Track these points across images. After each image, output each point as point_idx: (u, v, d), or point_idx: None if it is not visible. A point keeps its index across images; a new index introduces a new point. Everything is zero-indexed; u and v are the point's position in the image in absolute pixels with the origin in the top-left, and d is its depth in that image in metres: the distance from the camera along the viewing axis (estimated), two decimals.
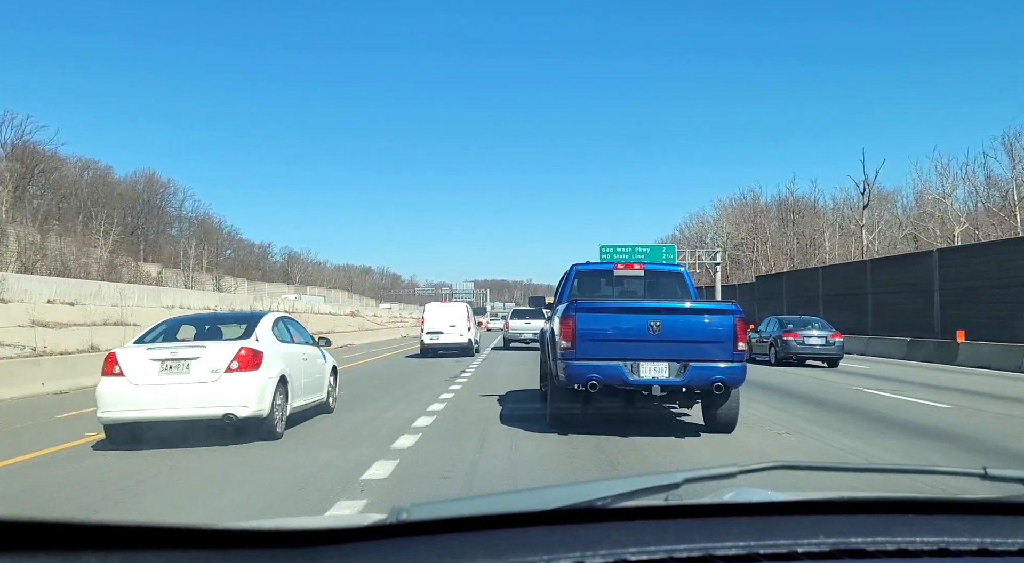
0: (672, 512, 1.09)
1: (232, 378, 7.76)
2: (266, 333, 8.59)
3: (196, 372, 7.74)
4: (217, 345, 8.07)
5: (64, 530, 0.86)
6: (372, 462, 6.59)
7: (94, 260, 43.97)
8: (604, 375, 7.84)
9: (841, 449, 7.51)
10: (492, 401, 11.43)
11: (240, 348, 7.95)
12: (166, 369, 7.75)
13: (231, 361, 7.81)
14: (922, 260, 27.19)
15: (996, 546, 1.04)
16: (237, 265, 79.89)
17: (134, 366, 7.74)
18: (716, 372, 7.78)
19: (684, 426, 8.98)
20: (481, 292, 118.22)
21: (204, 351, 7.88)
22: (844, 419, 9.64)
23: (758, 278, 45.40)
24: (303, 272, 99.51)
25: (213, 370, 7.76)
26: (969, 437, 8.26)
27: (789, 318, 22.05)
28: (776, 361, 20.45)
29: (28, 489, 6.07)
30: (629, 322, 7.92)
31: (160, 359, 7.77)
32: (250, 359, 7.90)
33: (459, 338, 24.62)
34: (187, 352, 7.88)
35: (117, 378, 7.69)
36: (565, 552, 0.98)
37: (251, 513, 4.98)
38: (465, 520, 1.03)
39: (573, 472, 6.38)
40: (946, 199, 45.22)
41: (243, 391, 7.75)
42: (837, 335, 20.26)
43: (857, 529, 1.06)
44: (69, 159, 60.59)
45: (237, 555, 0.93)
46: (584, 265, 10.62)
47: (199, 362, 7.78)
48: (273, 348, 8.44)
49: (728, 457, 7.16)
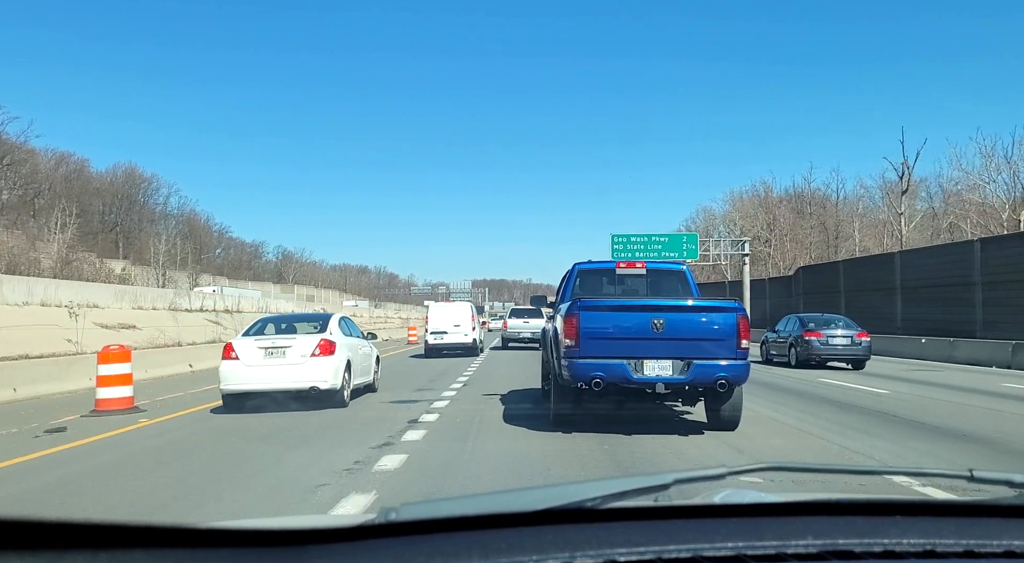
0: (662, 513, 1.15)
1: (316, 361, 11.04)
2: (336, 328, 12.01)
3: (290, 356, 11.04)
4: (304, 337, 11.48)
5: (51, 529, 0.89)
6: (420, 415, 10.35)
7: (45, 255, 42.86)
8: (608, 373, 8.23)
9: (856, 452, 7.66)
10: (495, 400, 12.18)
11: (321, 339, 11.31)
12: (269, 354, 11.06)
13: (314, 348, 11.11)
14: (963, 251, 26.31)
15: (982, 548, 1.10)
16: (227, 264, 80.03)
17: (245, 352, 11.05)
18: (719, 370, 8.18)
19: (688, 424, 9.33)
20: (479, 291, 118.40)
21: (295, 341, 11.29)
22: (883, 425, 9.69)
23: (802, 270, 41.39)
24: (297, 271, 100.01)
25: (302, 355, 11.03)
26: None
27: (810, 316, 21.68)
28: (796, 363, 20.12)
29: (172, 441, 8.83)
30: (633, 320, 8.31)
31: (264, 347, 11.12)
32: (328, 347, 11.24)
33: (463, 338, 25.45)
34: (284, 341, 11.29)
35: (234, 361, 11.01)
36: (555, 552, 1.03)
37: (355, 445, 7.88)
38: (455, 520, 1.08)
39: (581, 470, 6.69)
40: (988, 185, 43.59)
41: (324, 370, 11.04)
42: (863, 334, 19.85)
43: (845, 531, 1.12)
44: (42, 152, 60.73)
45: (225, 555, 0.98)
46: (586, 264, 11.14)
47: (292, 349, 11.10)
48: (341, 340, 11.79)
49: (734, 457, 7.48)
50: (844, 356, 19.75)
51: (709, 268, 57.59)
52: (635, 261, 11.50)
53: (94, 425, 9.87)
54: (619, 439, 8.16)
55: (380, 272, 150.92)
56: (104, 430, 9.36)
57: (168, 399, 13.00)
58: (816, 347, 19.76)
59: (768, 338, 23.15)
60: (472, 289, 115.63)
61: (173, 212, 76.93)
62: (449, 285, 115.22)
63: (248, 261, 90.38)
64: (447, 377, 16.68)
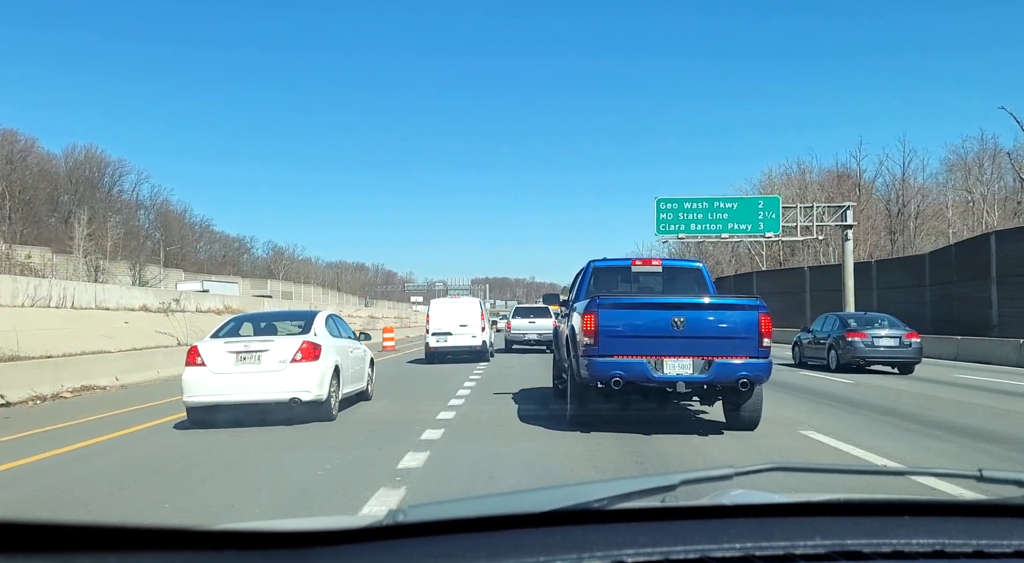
0: (669, 514, 1.27)
1: (297, 367, 10.38)
2: (322, 329, 11.28)
3: (266, 362, 10.35)
4: (283, 339, 10.75)
5: (60, 532, 0.98)
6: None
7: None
8: (628, 372, 8.84)
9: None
10: (507, 399, 13.03)
11: (303, 342, 10.58)
12: (241, 360, 10.34)
13: (295, 352, 10.44)
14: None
15: (991, 548, 1.22)
16: (210, 260, 79.73)
17: (213, 357, 10.34)
18: (741, 368, 8.76)
19: (706, 424, 9.92)
20: (479, 289, 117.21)
21: (272, 344, 10.54)
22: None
23: (957, 244, 34.55)
24: (288, 268, 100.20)
25: (280, 360, 10.37)
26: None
27: (851, 315, 21.72)
28: (837, 367, 20.15)
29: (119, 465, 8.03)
30: (653, 318, 8.88)
31: (236, 351, 10.38)
32: (312, 351, 10.55)
33: (471, 340, 24.25)
34: (258, 345, 10.52)
35: (199, 368, 10.31)
36: (562, 553, 1.14)
37: (340, 472, 7.27)
38: (462, 522, 1.19)
39: (598, 471, 7.17)
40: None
41: (306, 378, 10.36)
42: (913, 335, 19.92)
43: (853, 531, 1.24)
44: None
45: (231, 557, 1.08)
46: (601, 261, 11.85)
47: (268, 354, 10.40)
48: (328, 342, 11.10)
49: (754, 457, 7.95)
50: (891, 359, 19.82)
51: (780, 249, 53.94)
52: (650, 258, 12.43)
53: None
54: (639, 439, 8.72)
55: (378, 270, 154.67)
56: None
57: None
58: (860, 349, 19.79)
59: (801, 339, 23.07)
60: (471, 286, 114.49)
61: (144, 201, 76.05)
62: (447, 281, 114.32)
63: (234, 257, 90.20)
64: (452, 381, 16.89)
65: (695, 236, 36.44)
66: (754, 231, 35.31)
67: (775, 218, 34.49)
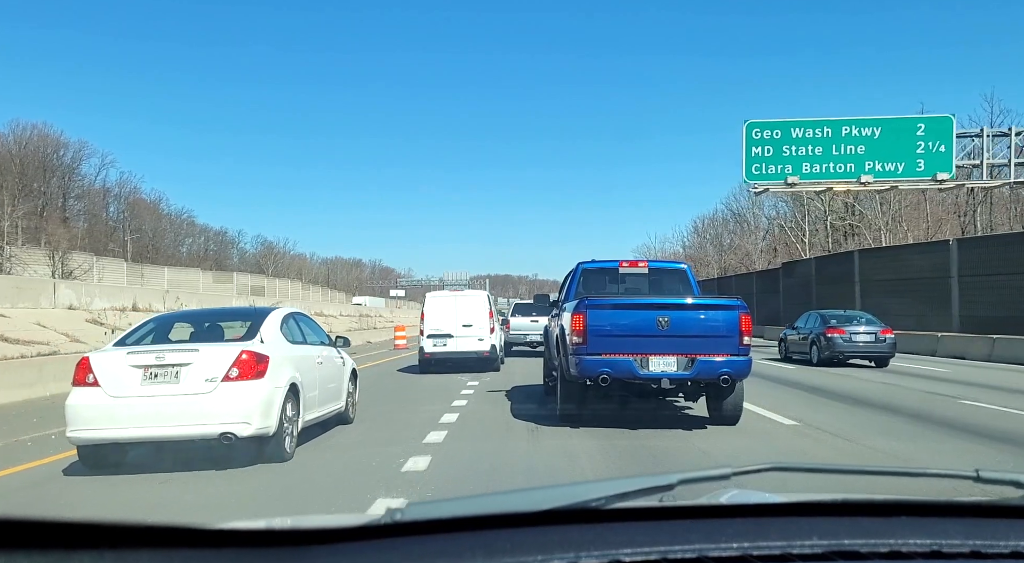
0: (666, 513, 1.25)
1: (231, 388, 7.23)
2: (273, 333, 8.12)
3: (187, 381, 7.22)
4: (212, 348, 7.57)
5: (59, 529, 0.97)
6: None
7: None
8: (615, 369, 9.10)
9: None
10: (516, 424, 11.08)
11: (240, 352, 7.42)
12: (150, 378, 7.24)
13: (229, 368, 7.29)
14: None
15: (988, 549, 1.20)
16: (192, 255, 78.43)
17: (112, 374, 7.24)
18: (723, 365, 9.05)
19: (691, 419, 10.24)
20: (479, 285, 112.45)
21: (197, 355, 7.38)
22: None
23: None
24: (278, 263, 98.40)
25: (208, 379, 7.24)
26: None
27: (832, 313, 22.71)
28: (819, 361, 21.11)
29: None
30: (639, 318, 9.16)
31: (143, 365, 7.28)
32: (253, 365, 7.39)
33: (478, 344, 19.31)
34: (176, 357, 7.36)
35: (91, 388, 7.20)
36: (559, 553, 1.12)
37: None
38: (459, 520, 1.17)
39: (593, 468, 7.26)
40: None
41: (244, 404, 7.22)
42: (888, 331, 20.92)
43: (850, 531, 1.22)
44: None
45: (229, 554, 1.06)
46: (590, 263, 12.14)
47: (190, 368, 7.26)
48: (281, 351, 7.97)
49: (742, 452, 8.15)
50: (868, 353, 20.75)
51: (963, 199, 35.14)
52: (637, 261, 12.88)
53: None
54: (626, 433, 8.98)
55: (375, 266, 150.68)
56: None
57: None
58: (839, 344, 20.77)
59: (786, 336, 24.17)
60: (470, 283, 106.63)
61: (111, 188, 67.87)
62: (443, 277, 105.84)
63: (217, 251, 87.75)
64: (450, 391, 14.06)
65: (816, 182, 24.88)
66: (909, 173, 23.84)
67: (946, 152, 22.79)
